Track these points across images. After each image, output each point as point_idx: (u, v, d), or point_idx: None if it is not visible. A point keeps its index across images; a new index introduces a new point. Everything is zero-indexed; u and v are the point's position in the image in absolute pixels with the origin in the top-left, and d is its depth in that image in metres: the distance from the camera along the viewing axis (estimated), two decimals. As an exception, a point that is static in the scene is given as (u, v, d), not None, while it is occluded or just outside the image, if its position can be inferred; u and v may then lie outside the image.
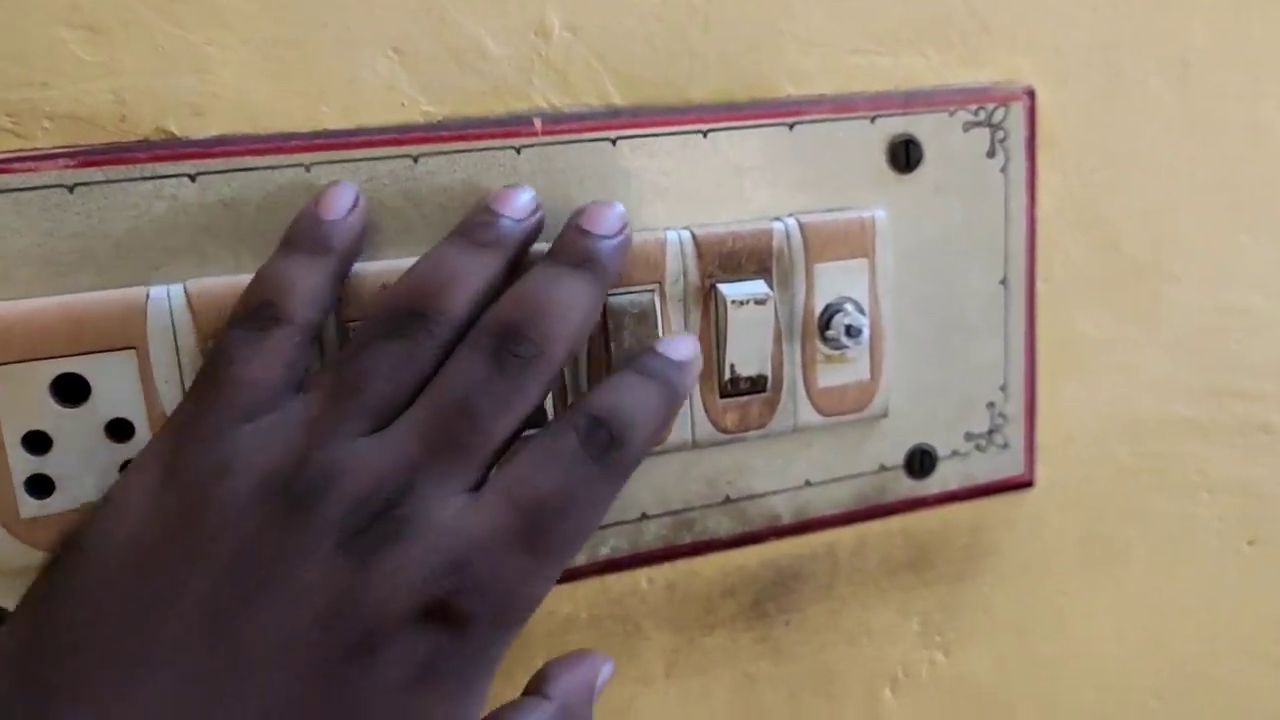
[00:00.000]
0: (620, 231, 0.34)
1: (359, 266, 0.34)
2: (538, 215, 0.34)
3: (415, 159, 0.35)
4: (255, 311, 0.31)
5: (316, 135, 0.34)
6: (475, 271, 0.31)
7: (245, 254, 0.34)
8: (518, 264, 0.33)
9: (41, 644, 0.26)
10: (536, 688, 0.30)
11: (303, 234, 0.32)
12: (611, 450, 0.29)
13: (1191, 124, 0.43)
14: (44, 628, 0.26)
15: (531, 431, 0.30)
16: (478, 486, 0.28)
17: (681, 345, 0.33)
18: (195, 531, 0.27)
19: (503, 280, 0.32)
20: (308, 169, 0.34)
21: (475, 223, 0.33)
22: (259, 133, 0.33)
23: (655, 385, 0.31)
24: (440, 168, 0.35)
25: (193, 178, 0.33)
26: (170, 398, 0.33)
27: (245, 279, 0.32)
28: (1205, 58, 0.43)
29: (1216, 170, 0.44)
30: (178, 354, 0.33)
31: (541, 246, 0.34)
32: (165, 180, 0.33)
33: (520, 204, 0.34)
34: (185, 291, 0.33)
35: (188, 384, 0.33)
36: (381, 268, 0.34)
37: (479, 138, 0.35)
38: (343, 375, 0.29)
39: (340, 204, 0.33)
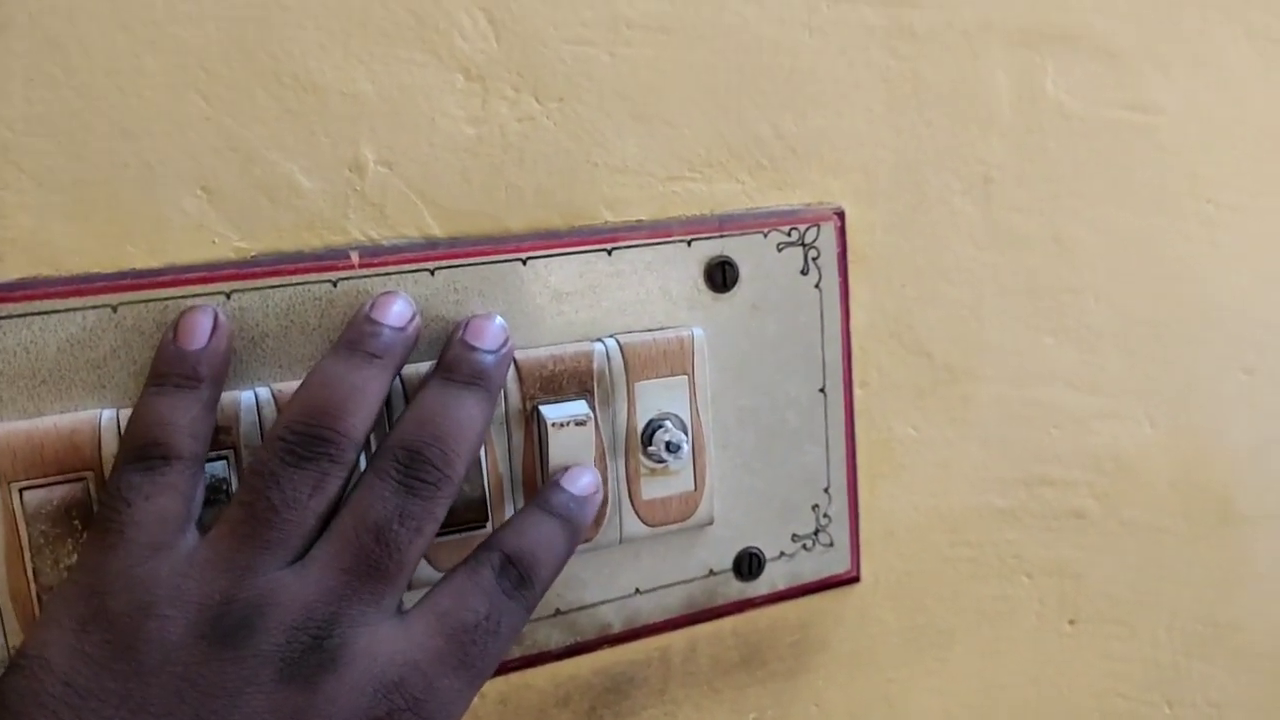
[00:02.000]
0: (504, 344, 0.35)
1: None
2: (416, 320, 0.35)
3: (228, 295, 0.35)
4: (143, 451, 0.31)
5: (123, 275, 0.34)
6: (368, 386, 0.32)
7: (45, 397, 0.33)
8: (401, 369, 0.35)
9: None
10: None
11: (170, 368, 0.32)
12: (522, 586, 0.32)
13: (994, 236, 0.46)
14: None
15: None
16: (398, 608, 0.30)
17: (581, 479, 0.36)
18: (128, 673, 0.27)
19: (388, 390, 0.33)
20: (114, 309, 0.33)
21: (360, 334, 0.34)
22: (61, 274, 0.33)
23: (558, 523, 0.34)
24: (254, 304, 0.35)
25: (-9, 322, 0.32)
26: (-32, 547, 0.32)
27: (45, 422, 0.32)
28: (1006, 174, 0.46)
29: (1020, 278, 0.47)
30: (-24, 501, 0.32)
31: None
32: (-40, 325, 0.32)
33: (398, 312, 0.34)
34: (-18, 438, 0.32)
35: (4, 526, 0.32)
36: (192, 405, 0.34)
37: (294, 272, 0.35)
38: (253, 509, 0.30)
39: (199, 331, 0.33)
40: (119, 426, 0.33)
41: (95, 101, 0.33)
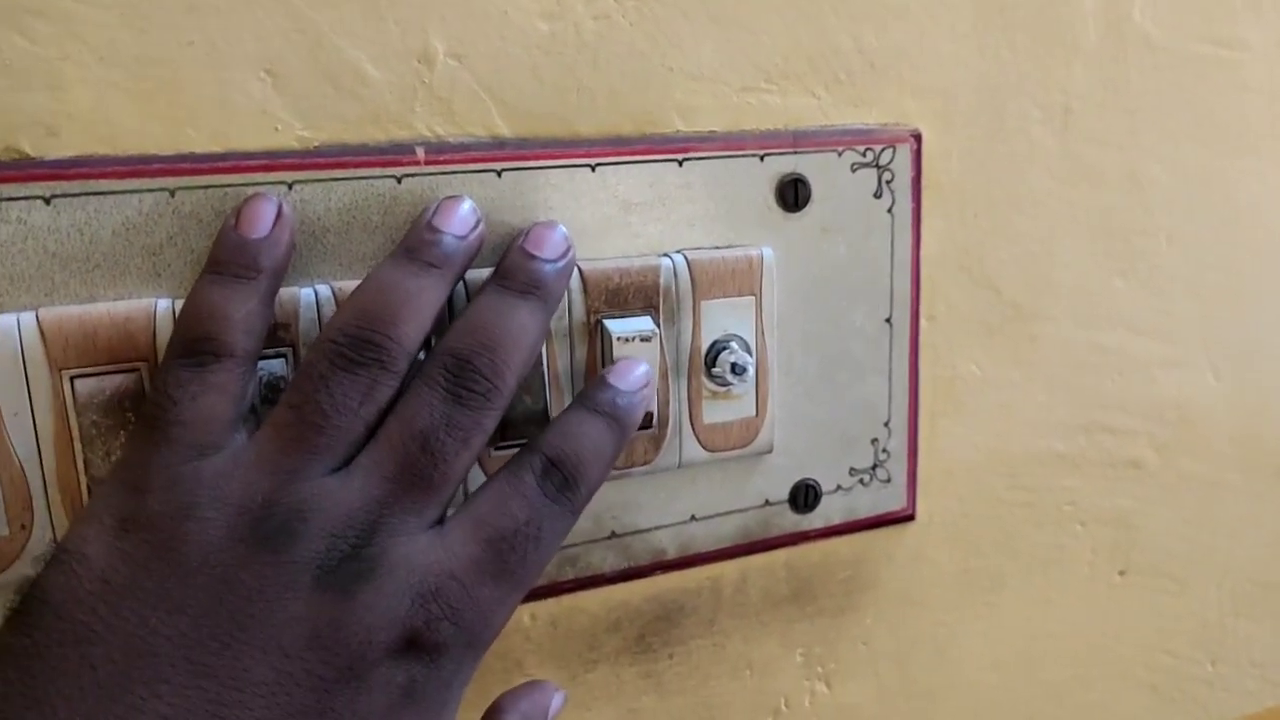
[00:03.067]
0: (565, 254, 0.34)
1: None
2: (479, 228, 0.33)
3: (290, 185, 0.33)
4: (193, 346, 0.30)
5: (181, 159, 0.32)
6: (424, 294, 0.31)
7: (99, 282, 0.32)
8: (461, 278, 0.33)
9: (17, 703, 0.25)
10: (492, 716, 0.32)
11: (229, 257, 0.31)
12: (566, 490, 0.31)
13: (1071, 170, 0.44)
14: (17, 686, 0.25)
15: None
16: (440, 519, 0.30)
17: (631, 374, 0.33)
18: (166, 574, 0.27)
19: (449, 299, 0.32)
20: (172, 194, 0.32)
21: (420, 241, 0.32)
22: (119, 154, 0.32)
23: (605, 422, 0.32)
24: (316, 196, 0.34)
25: (47, 200, 0.31)
26: (20, 431, 0.31)
27: (98, 308, 0.31)
28: (1087, 105, 0.44)
29: (1094, 216, 0.45)
30: (28, 386, 0.31)
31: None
32: (14, 203, 0.31)
33: (462, 219, 0.33)
34: (37, 319, 0.31)
35: (39, 417, 0.31)
36: (250, 299, 0.32)
37: (358, 165, 0.34)
38: (302, 411, 0.29)
39: (263, 220, 0.31)
40: (174, 317, 0.32)
41: (160, -28, 0.31)
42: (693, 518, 0.41)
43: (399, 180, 0.34)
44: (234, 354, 0.30)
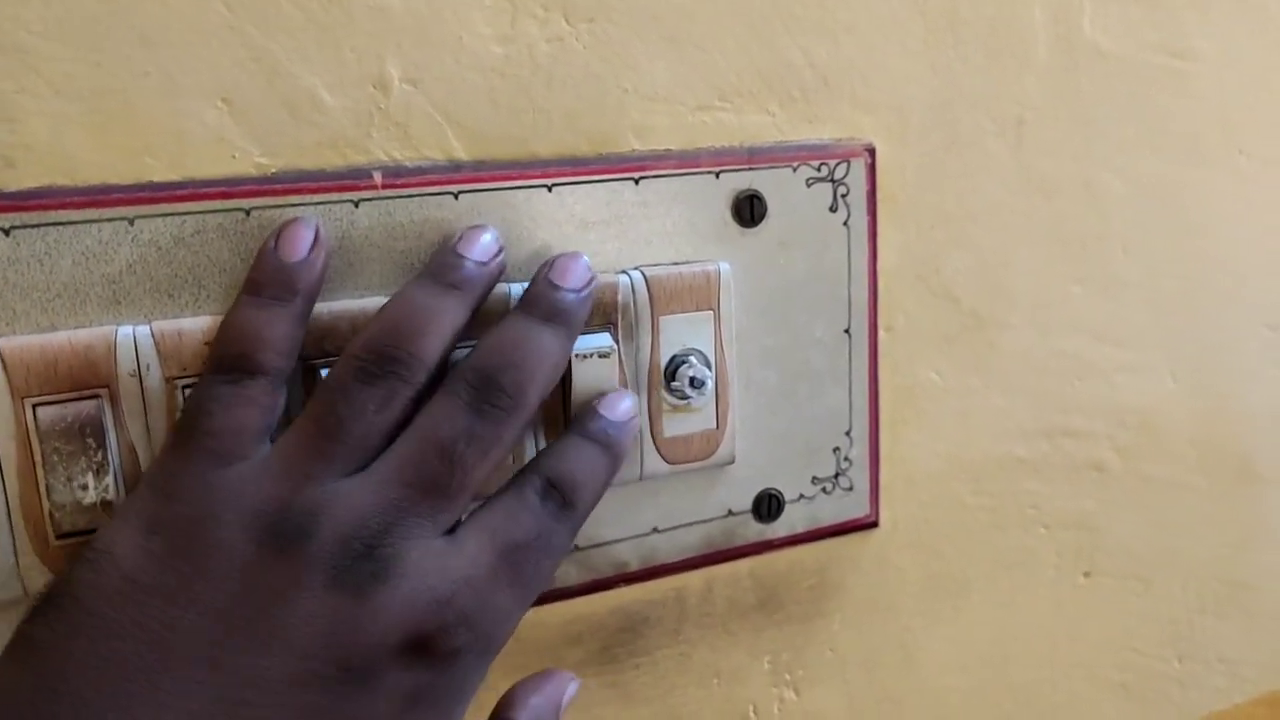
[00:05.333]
0: (587, 285, 0.35)
1: (182, 322, 0.33)
2: (500, 257, 0.35)
3: (247, 212, 0.34)
4: (230, 363, 0.31)
5: (140, 188, 0.33)
6: (445, 315, 0.32)
7: (59, 311, 0.32)
8: (482, 303, 0.34)
9: (40, 694, 0.27)
10: (504, 710, 0.33)
11: (267, 278, 0.32)
12: (565, 509, 0.33)
13: (1026, 181, 0.45)
14: (40, 677, 0.27)
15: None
16: (452, 529, 0.31)
17: (620, 405, 0.35)
18: (188, 574, 0.28)
19: (469, 322, 0.33)
20: (131, 223, 0.33)
21: (443, 265, 0.34)
22: (77, 185, 0.32)
23: (598, 449, 0.34)
24: (274, 221, 0.34)
25: (6, 232, 0.31)
26: (-19, 460, 0.31)
27: (59, 337, 0.31)
28: (1039, 116, 0.45)
29: (1050, 225, 0.46)
30: (-12, 414, 0.31)
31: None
32: (-28, 235, 0.31)
33: (484, 246, 0.34)
34: (-2, 350, 0.31)
35: (2, 444, 0.31)
36: (205, 323, 0.33)
37: (315, 191, 0.34)
38: (319, 421, 0.31)
39: (301, 244, 0.33)
40: (135, 344, 0.32)
41: (116, 6, 0.32)
42: (655, 529, 0.41)
43: (356, 204, 0.35)
44: (267, 372, 0.31)
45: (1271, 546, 0.55)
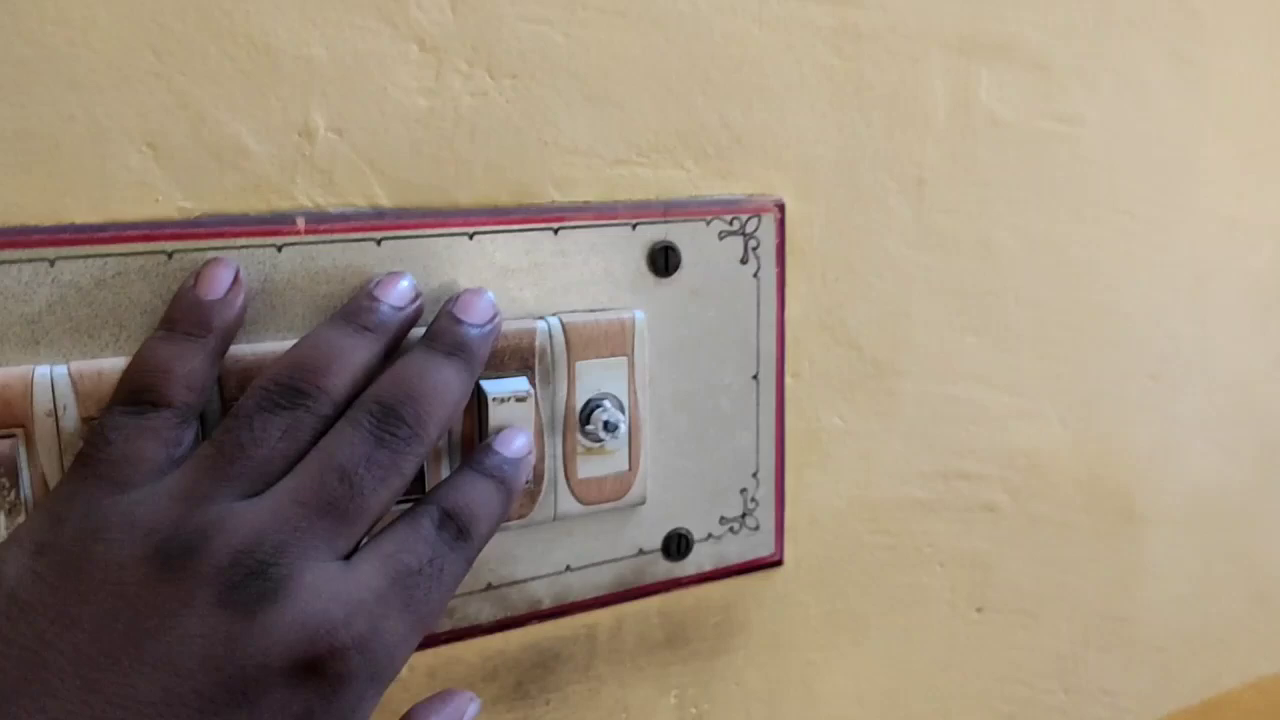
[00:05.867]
0: (491, 320, 0.36)
1: (101, 363, 0.33)
2: (417, 303, 0.36)
3: (170, 255, 0.34)
4: (135, 394, 0.31)
5: (61, 229, 0.33)
6: (356, 354, 0.33)
7: (-23, 350, 0.32)
8: (395, 348, 0.35)
9: None
10: None
11: (182, 315, 0.33)
12: (461, 538, 0.33)
13: (925, 236, 0.48)
14: None
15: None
16: (348, 555, 0.31)
17: (515, 441, 0.36)
18: (70, 593, 0.28)
19: (380, 363, 0.34)
20: (51, 263, 0.33)
21: (358, 307, 0.35)
22: (-1, 225, 0.32)
23: (493, 483, 0.34)
24: (196, 263, 0.34)
25: (-80, 270, 0.31)
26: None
27: (-24, 377, 0.32)
28: (938, 176, 0.47)
29: (947, 278, 0.49)
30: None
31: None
32: (-112, 272, 0.31)
33: (400, 292, 0.35)
34: (-93, 388, 0.31)
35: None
36: (124, 364, 0.33)
37: (237, 235, 0.35)
38: (221, 446, 0.31)
39: (219, 284, 0.33)
40: (52, 384, 0.32)
41: (44, 50, 0.32)
42: (568, 568, 0.42)
43: (279, 249, 0.36)
44: (172, 404, 0.31)
45: (1151, 582, 0.59)
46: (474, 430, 0.38)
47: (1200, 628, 0.62)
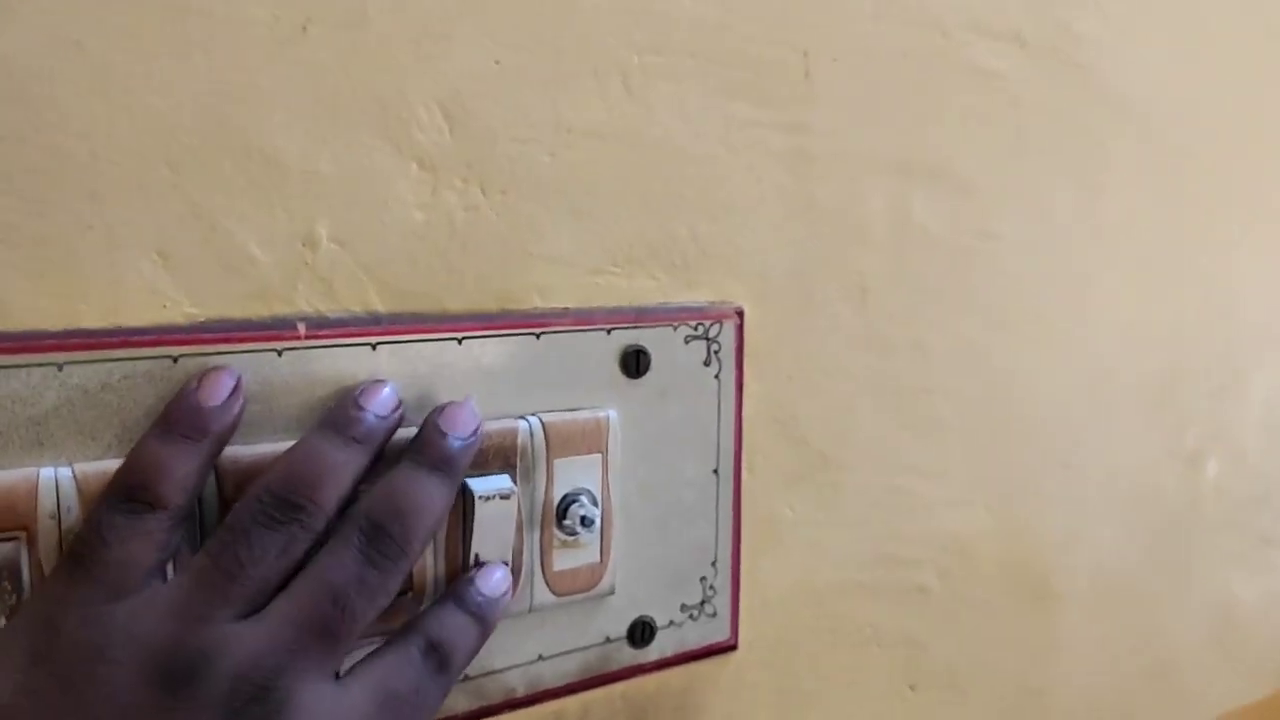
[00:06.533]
0: (473, 432, 0.38)
1: (106, 464, 0.34)
2: (399, 410, 0.37)
3: (175, 359, 0.35)
4: (130, 493, 0.32)
5: (71, 334, 0.34)
6: (347, 467, 0.35)
7: (-16, 452, 0.33)
8: (380, 454, 0.37)
9: None
10: None
11: (180, 418, 0.34)
12: (442, 670, 0.35)
13: (868, 339, 0.52)
14: None
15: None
16: (338, 672, 0.32)
17: (492, 577, 0.38)
18: (71, 708, 0.28)
19: (366, 471, 0.35)
20: (60, 368, 0.34)
21: (346, 417, 0.36)
22: (9, 330, 0.33)
23: (473, 620, 0.37)
24: (201, 367, 0.36)
25: (-69, 374, 0.32)
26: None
27: (-17, 479, 0.32)
28: (880, 284, 0.52)
29: (886, 378, 0.53)
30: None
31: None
32: (-102, 377, 0.31)
33: (384, 401, 0.37)
34: (-88, 492, 0.31)
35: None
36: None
37: (241, 340, 0.36)
38: (219, 561, 0.32)
39: (220, 391, 0.34)
40: (57, 486, 0.33)
41: (64, 162, 0.33)
42: (540, 657, 0.44)
43: (280, 353, 0.37)
44: (166, 506, 0.32)
45: (1064, 656, 0.63)
46: (459, 528, 0.40)
47: (1105, 697, 0.67)
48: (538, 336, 0.42)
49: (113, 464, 0.34)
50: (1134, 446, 0.65)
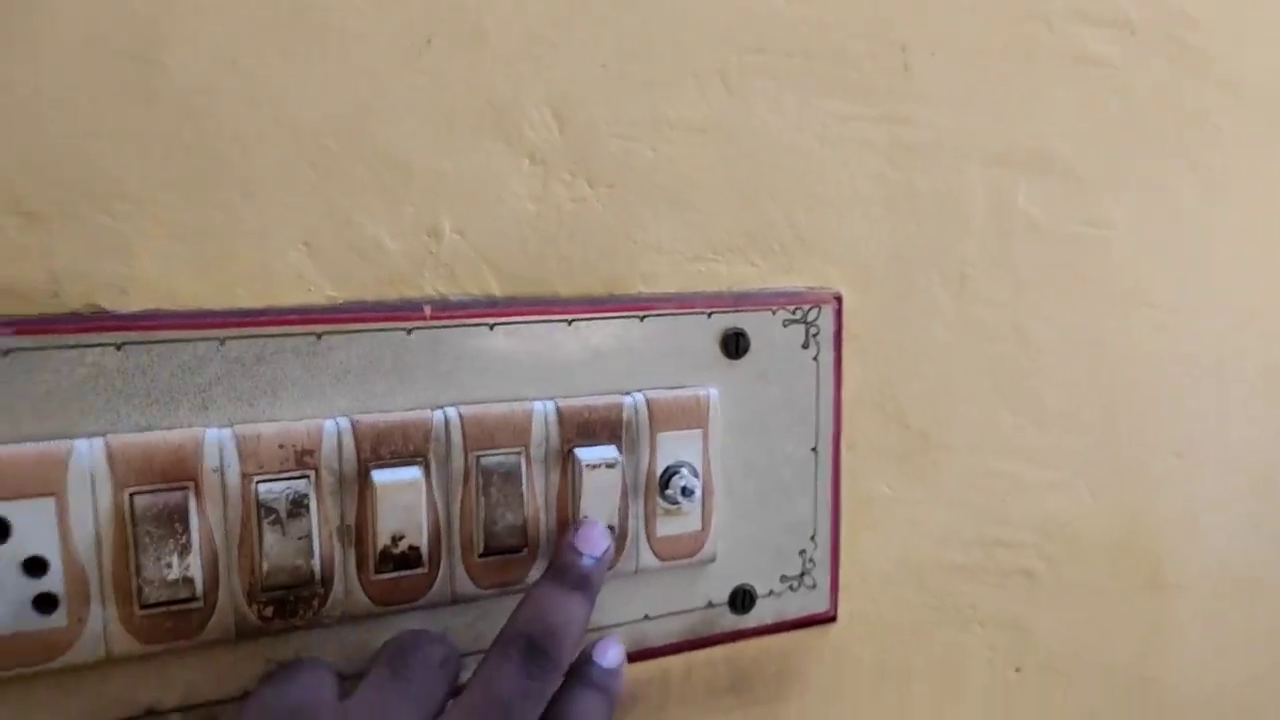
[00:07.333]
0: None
1: (260, 427, 0.39)
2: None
3: (319, 336, 0.40)
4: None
5: (230, 313, 0.39)
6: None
7: (156, 414, 0.38)
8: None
9: None
10: None
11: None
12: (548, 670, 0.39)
13: (966, 325, 0.53)
14: None
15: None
16: None
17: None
18: None
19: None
20: (221, 342, 0.39)
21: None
22: (178, 309, 0.38)
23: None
24: (340, 344, 0.40)
25: (118, 347, 0.37)
26: (84, 538, 0.37)
27: (156, 436, 0.37)
28: (979, 272, 0.53)
29: (986, 363, 0.54)
30: (94, 500, 0.37)
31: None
32: (90, 349, 0.37)
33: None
34: (106, 445, 0.37)
35: (102, 526, 0.37)
36: (279, 429, 0.39)
37: (375, 320, 0.41)
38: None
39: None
40: (220, 445, 0.38)
41: (222, 166, 0.38)
42: (646, 617, 0.47)
43: (409, 332, 0.41)
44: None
45: (1178, 647, 0.62)
46: (567, 493, 0.43)
47: (1224, 693, 0.65)
48: (642, 319, 0.45)
49: (266, 426, 0.39)
50: (1256, 437, 0.63)
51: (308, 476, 0.39)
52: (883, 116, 0.49)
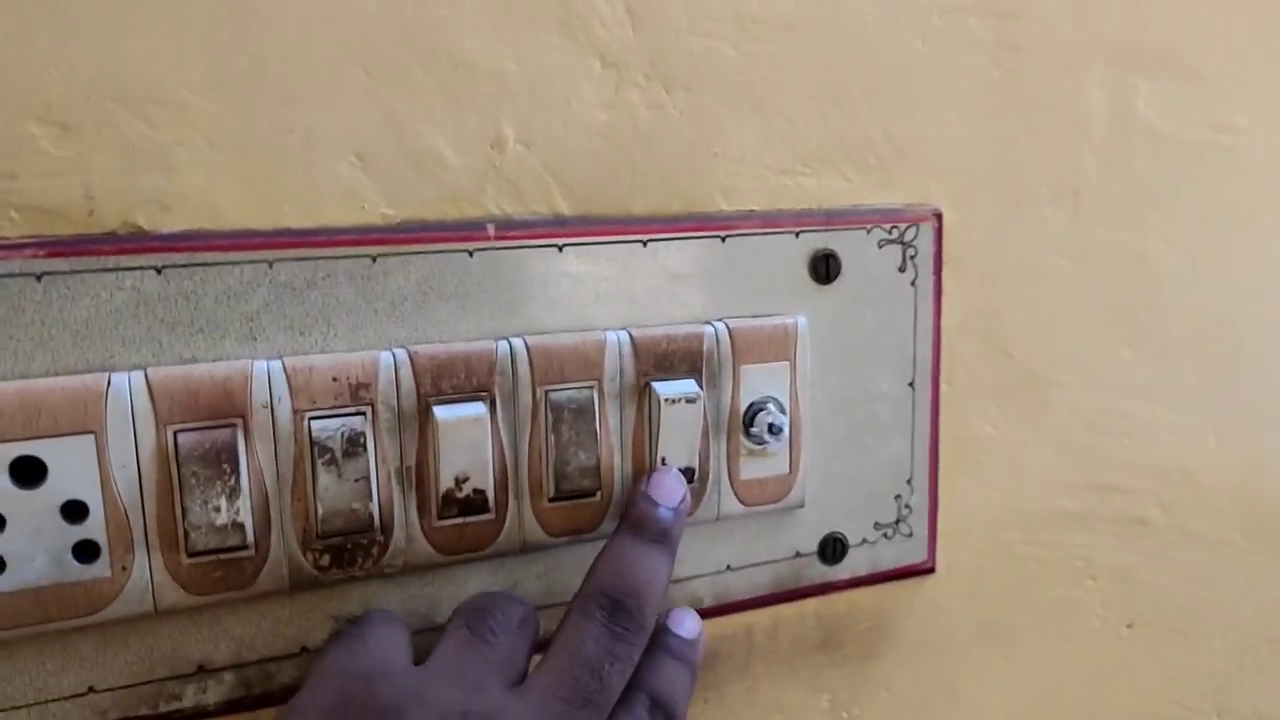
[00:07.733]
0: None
1: (312, 359, 0.35)
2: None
3: (374, 259, 0.37)
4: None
5: (278, 233, 0.36)
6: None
7: (200, 345, 0.35)
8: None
9: None
10: None
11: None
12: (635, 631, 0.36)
13: (1081, 248, 0.48)
14: None
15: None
16: None
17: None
18: None
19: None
20: (270, 265, 0.35)
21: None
22: (223, 229, 0.35)
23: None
24: (396, 268, 0.37)
25: (158, 270, 0.34)
26: (126, 480, 0.34)
27: (201, 369, 0.34)
28: (1094, 187, 0.48)
29: (1102, 290, 0.49)
30: (135, 439, 0.34)
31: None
32: (129, 272, 0.34)
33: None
34: (146, 378, 0.34)
35: (144, 467, 0.34)
36: (332, 360, 0.36)
37: (434, 240, 0.37)
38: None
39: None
40: (269, 378, 0.35)
41: (265, 67, 0.35)
42: (728, 568, 0.43)
43: (471, 254, 0.38)
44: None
45: (1307, 605, 0.57)
46: (644, 431, 0.40)
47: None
48: (723, 240, 0.41)
49: (319, 358, 0.36)
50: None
51: (363, 413, 0.36)
52: (989, 10, 0.44)
